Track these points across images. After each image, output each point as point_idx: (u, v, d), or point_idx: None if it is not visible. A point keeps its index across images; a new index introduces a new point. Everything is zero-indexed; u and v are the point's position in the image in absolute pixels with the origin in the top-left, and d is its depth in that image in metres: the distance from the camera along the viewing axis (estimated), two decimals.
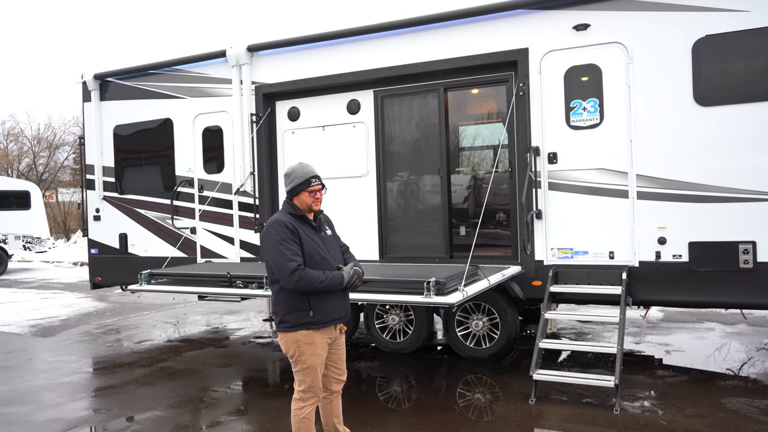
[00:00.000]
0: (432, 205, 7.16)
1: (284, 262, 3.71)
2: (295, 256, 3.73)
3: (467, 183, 7.28)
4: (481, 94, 7.13)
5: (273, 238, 3.78)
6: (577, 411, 5.11)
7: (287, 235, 3.76)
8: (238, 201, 8.06)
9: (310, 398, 3.95)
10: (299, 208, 3.93)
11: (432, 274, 5.20)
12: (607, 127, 6.13)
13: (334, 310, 3.93)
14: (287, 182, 3.99)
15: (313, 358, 3.87)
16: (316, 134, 7.74)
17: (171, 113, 8.58)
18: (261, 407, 5.49)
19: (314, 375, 3.92)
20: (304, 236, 3.84)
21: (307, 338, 3.83)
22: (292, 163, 4.17)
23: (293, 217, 3.90)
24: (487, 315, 6.80)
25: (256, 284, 5.50)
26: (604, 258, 6.18)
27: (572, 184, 6.29)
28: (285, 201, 4.01)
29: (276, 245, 3.75)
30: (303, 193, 3.92)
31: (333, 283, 3.80)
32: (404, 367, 6.68)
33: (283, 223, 3.81)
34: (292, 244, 3.75)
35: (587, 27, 6.20)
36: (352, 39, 7.37)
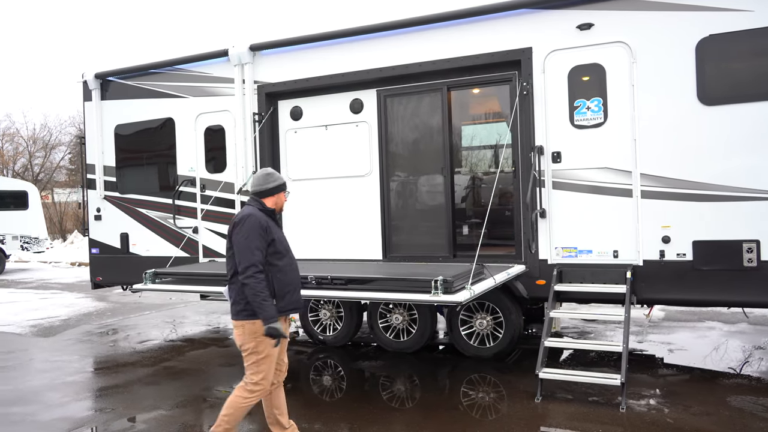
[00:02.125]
0: (435, 205, 7.17)
1: (253, 249, 3.95)
2: (260, 255, 3.97)
3: (470, 182, 7.28)
4: (485, 93, 7.14)
5: (251, 229, 4.00)
6: (583, 409, 5.12)
7: (260, 233, 4.00)
8: (240, 200, 8.05)
9: (260, 390, 4.09)
10: (268, 206, 4.21)
11: (438, 272, 5.21)
12: (611, 127, 6.15)
13: (294, 300, 4.18)
14: (269, 181, 4.26)
15: (270, 348, 4.04)
16: (318, 133, 7.74)
17: (173, 113, 8.56)
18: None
19: (270, 365, 4.09)
20: (275, 232, 4.12)
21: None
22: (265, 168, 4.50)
23: (264, 213, 4.16)
24: (491, 314, 6.81)
25: None
26: (608, 257, 6.20)
27: (576, 183, 6.30)
28: (252, 199, 4.24)
29: (252, 234, 3.98)
30: (281, 194, 4.31)
31: (265, 309, 3.91)
32: (408, 366, 6.69)
33: (258, 219, 4.05)
34: (262, 242, 4.00)
35: (591, 26, 6.21)
36: (355, 38, 7.37)
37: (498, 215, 7.02)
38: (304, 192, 7.82)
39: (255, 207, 4.18)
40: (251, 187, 4.31)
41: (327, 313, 7.71)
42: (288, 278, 4.15)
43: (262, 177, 4.29)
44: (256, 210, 4.15)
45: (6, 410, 5.52)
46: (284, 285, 4.11)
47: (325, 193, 7.71)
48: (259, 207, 4.18)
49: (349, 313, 7.57)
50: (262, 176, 4.29)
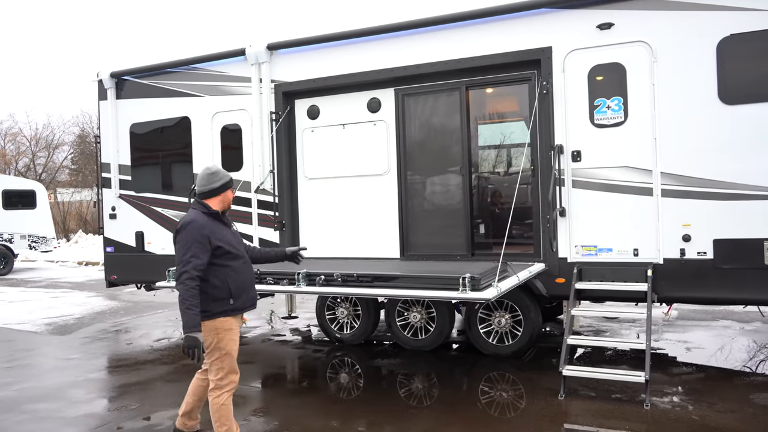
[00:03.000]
0: (453, 203, 7.19)
1: (189, 257, 3.94)
2: (196, 262, 3.94)
3: (489, 181, 7.31)
4: (503, 92, 7.17)
5: (189, 237, 3.98)
6: (607, 406, 5.15)
7: (199, 240, 3.98)
8: (257, 199, 8.08)
9: (227, 385, 4.14)
10: (212, 207, 4.16)
11: (463, 270, 5.23)
12: (632, 126, 6.17)
13: (250, 298, 4.26)
14: (214, 180, 4.18)
15: (231, 343, 4.12)
16: (336, 132, 7.77)
17: (189, 111, 8.59)
18: (290, 403, 5.51)
19: (232, 360, 4.14)
20: (219, 235, 4.09)
21: (226, 324, 4.09)
22: (209, 166, 4.35)
23: (207, 216, 4.13)
24: (510, 312, 6.84)
25: (287, 280, 5.52)
26: (628, 255, 6.22)
27: (596, 182, 6.33)
28: (196, 201, 4.21)
29: (191, 241, 3.97)
30: (229, 191, 4.25)
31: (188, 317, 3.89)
32: (428, 365, 6.71)
33: (198, 227, 4.02)
34: (201, 249, 3.97)
35: (611, 26, 6.24)
36: (373, 38, 7.39)
37: (516, 214, 7.03)
38: (321, 191, 7.85)
39: (199, 211, 4.14)
40: (196, 188, 4.25)
41: (344, 311, 7.73)
42: (243, 277, 4.20)
43: (206, 177, 4.20)
44: (200, 214, 4.10)
45: (33, 407, 5.55)
46: (239, 284, 4.15)
47: (341, 191, 7.74)
48: (203, 210, 4.14)
49: (366, 311, 7.60)
50: (206, 176, 4.21)
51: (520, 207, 7.04)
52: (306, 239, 8.00)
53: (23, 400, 5.78)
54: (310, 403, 5.49)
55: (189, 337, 3.85)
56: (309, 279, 5.45)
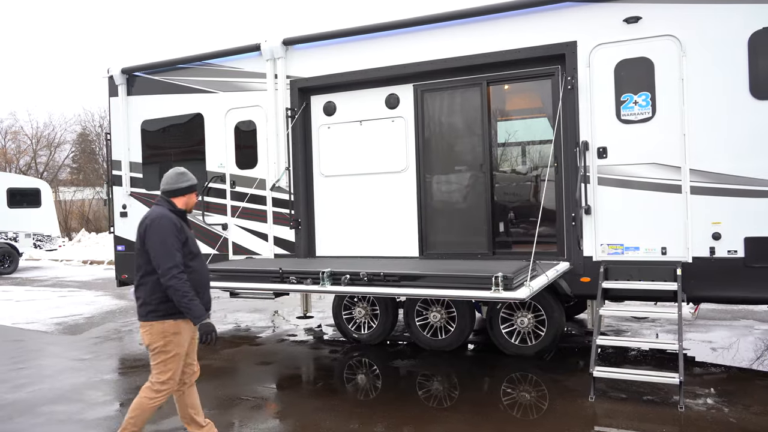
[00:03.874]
0: (474, 201, 7.06)
1: (174, 251, 3.92)
2: (179, 255, 3.95)
3: (510, 179, 7.17)
4: (525, 88, 7.03)
5: (166, 228, 3.96)
6: (641, 409, 5.02)
7: (176, 234, 3.98)
8: (272, 197, 7.95)
9: (167, 390, 4.08)
10: (177, 206, 4.17)
11: (485, 269, 5.11)
12: (660, 121, 6.05)
13: (206, 300, 4.19)
14: (182, 180, 4.19)
15: (179, 348, 4.06)
16: (353, 129, 7.64)
17: (202, 108, 8.46)
18: (311, 405, 5.38)
19: (177, 365, 4.09)
20: (186, 229, 4.13)
21: (175, 328, 4.02)
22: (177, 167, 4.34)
23: (175, 213, 4.13)
24: (533, 312, 6.71)
25: (310, 279, 5.39)
26: (656, 254, 6.10)
27: (623, 179, 6.20)
28: (162, 199, 4.19)
29: (168, 235, 3.94)
30: (194, 194, 4.27)
31: (193, 309, 3.91)
32: (449, 365, 6.58)
33: (172, 220, 4.03)
34: (178, 242, 3.98)
35: (638, 20, 6.11)
36: (392, 32, 7.26)
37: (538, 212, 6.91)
38: (337, 188, 7.73)
39: (165, 207, 4.13)
40: (161, 186, 4.23)
41: (361, 311, 7.61)
42: (200, 278, 4.16)
43: (174, 176, 4.21)
44: (167, 210, 4.10)
45: (51, 408, 5.42)
46: (197, 285, 4.10)
47: (359, 189, 7.61)
48: (169, 207, 4.14)
49: (384, 311, 7.48)
50: (174, 175, 4.21)
51: (544, 205, 6.92)
52: (322, 237, 7.87)
53: (39, 401, 5.65)
54: (331, 405, 5.36)
55: (205, 324, 3.92)
56: (334, 278, 5.32)
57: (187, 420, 4.37)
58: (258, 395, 5.72)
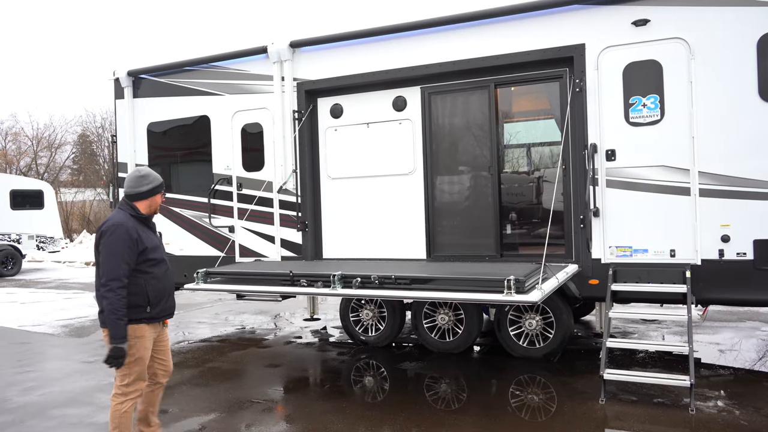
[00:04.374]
0: (481, 204, 7.07)
1: (119, 262, 3.88)
2: (126, 269, 3.91)
3: (518, 181, 7.18)
4: (533, 90, 7.04)
5: (119, 238, 3.92)
6: (652, 411, 5.03)
7: (129, 245, 3.94)
8: (278, 199, 7.95)
9: (133, 393, 4.09)
10: (140, 211, 4.11)
11: (494, 271, 5.12)
12: (668, 124, 6.05)
13: (168, 307, 4.24)
14: (143, 183, 4.12)
15: (142, 351, 4.07)
16: (360, 131, 7.64)
17: (208, 110, 8.46)
18: (321, 408, 5.38)
19: (141, 369, 4.09)
20: (146, 239, 4.06)
21: (138, 332, 4.02)
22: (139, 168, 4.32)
23: (135, 219, 4.08)
24: (541, 314, 6.72)
25: (321, 282, 5.40)
26: (664, 256, 6.10)
27: (631, 182, 6.21)
28: (124, 202, 4.14)
29: (119, 246, 3.91)
30: (158, 195, 4.21)
31: (117, 327, 3.86)
32: (457, 368, 6.59)
33: (128, 230, 3.97)
34: (130, 254, 3.94)
35: (647, 22, 6.12)
36: (400, 35, 7.27)
37: (547, 214, 6.93)
38: (344, 190, 7.73)
39: (126, 213, 4.07)
40: (124, 189, 4.19)
41: (369, 313, 7.61)
42: (162, 285, 4.14)
43: (135, 179, 4.14)
44: (127, 217, 4.04)
45: (62, 412, 5.42)
46: (159, 292, 4.10)
47: (365, 191, 7.62)
48: (131, 213, 4.08)
49: (392, 313, 7.49)
50: (135, 178, 4.14)
51: (552, 207, 6.93)
52: (329, 240, 7.88)
53: (50, 404, 5.66)
54: (340, 407, 5.37)
55: (116, 348, 3.86)
56: (345, 281, 5.33)
57: (142, 416, 4.40)
58: (268, 398, 5.72)
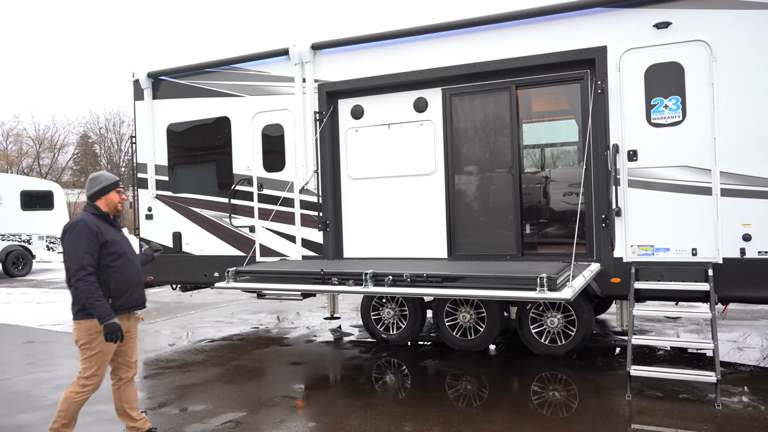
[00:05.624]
0: (503, 203, 7.16)
1: (82, 254, 4.14)
2: (90, 258, 4.16)
3: (539, 181, 7.28)
4: (554, 92, 7.13)
5: (80, 234, 4.19)
6: (678, 407, 5.13)
7: (89, 237, 4.20)
8: (299, 199, 8.04)
9: (91, 385, 4.29)
10: (101, 209, 4.40)
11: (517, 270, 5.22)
12: (690, 125, 6.15)
13: (133, 299, 4.41)
14: (95, 184, 4.45)
15: (104, 345, 4.23)
16: (381, 132, 7.74)
17: (228, 111, 8.55)
18: (353, 405, 5.47)
19: (102, 362, 4.28)
20: (107, 233, 4.30)
21: (100, 326, 4.16)
22: (94, 173, 4.61)
23: (97, 217, 4.36)
24: (562, 312, 6.82)
25: (352, 281, 5.49)
26: (686, 255, 6.20)
27: (653, 182, 6.31)
28: (88, 204, 4.44)
29: (80, 240, 4.17)
30: (113, 192, 4.46)
31: (98, 309, 4.11)
32: (479, 365, 6.69)
33: (88, 224, 4.25)
34: (92, 245, 4.19)
35: (668, 25, 6.22)
36: (421, 37, 7.36)
37: (567, 214, 7.04)
38: (365, 191, 7.82)
39: (88, 212, 4.38)
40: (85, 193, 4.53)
41: (390, 311, 7.71)
42: (125, 278, 4.34)
43: (89, 182, 4.49)
44: (89, 215, 4.35)
45: (96, 408, 5.50)
46: (121, 285, 4.30)
47: (386, 191, 7.71)
48: (92, 212, 4.38)
49: (413, 312, 7.58)
50: (89, 181, 4.49)
51: (572, 206, 7.03)
52: (349, 239, 7.97)
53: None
54: (371, 404, 5.46)
55: (108, 325, 4.09)
56: (376, 279, 5.41)
57: (121, 412, 4.61)
58: (297, 395, 5.82)
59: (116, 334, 4.11)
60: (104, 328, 4.09)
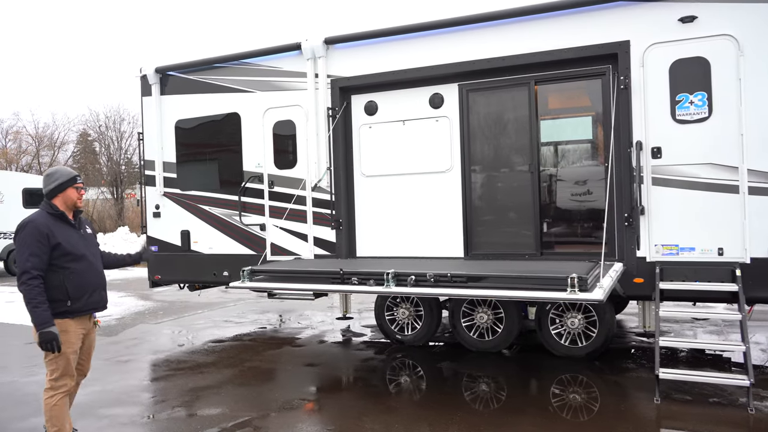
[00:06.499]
0: (521, 201, 7.01)
1: (27, 256, 4.01)
2: (35, 261, 4.01)
3: (558, 178, 7.13)
4: (574, 87, 6.98)
5: (28, 236, 4.05)
6: (710, 411, 4.99)
7: (38, 239, 4.04)
8: (311, 197, 7.89)
9: (62, 386, 4.17)
10: (58, 208, 4.22)
11: (556, 270, 5.06)
12: (716, 121, 6.01)
13: (92, 302, 4.28)
14: (50, 181, 4.26)
15: (67, 345, 4.12)
16: (395, 129, 7.58)
17: (238, 107, 8.39)
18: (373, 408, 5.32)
19: (66, 363, 4.16)
20: (60, 235, 4.13)
21: (61, 326, 4.08)
22: (50, 169, 4.50)
23: (51, 216, 4.19)
24: (583, 313, 6.68)
25: (373, 281, 5.33)
26: (712, 255, 6.05)
27: (678, 180, 6.16)
28: (43, 202, 4.27)
29: (28, 241, 4.04)
30: (70, 189, 4.27)
31: (36, 315, 3.98)
32: (497, 367, 6.55)
33: (38, 226, 4.08)
34: (41, 248, 4.04)
35: (694, 19, 6.07)
36: (437, 31, 7.21)
37: (588, 212, 6.90)
38: (379, 188, 7.67)
39: (43, 211, 4.21)
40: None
41: (405, 312, 7.56)
42: (83, 280, 4.20)
43: (44, 179, 4.33)
44: (43, 214, 4.18)
45: (109, 411, 5.36)
46: (79, 287, 4.17)
47: (401, 189, 7.55)
48: (48, 210, 4.21)
49: (429, 312, 7.43)
50: (44, 178, 4.33)
51: (592, 205, 6.89)
52: (363, 238, 7.82)
53: (96, 404, 5.59)
54: (392, 408, 5.32)
55: (44, 333, 3.96)
56: (398, 279, 5.26)
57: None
58: (313, 398, 5.67)
59: (51, 344, 3.96)
60: (39, 336, 3.96)
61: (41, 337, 3.96)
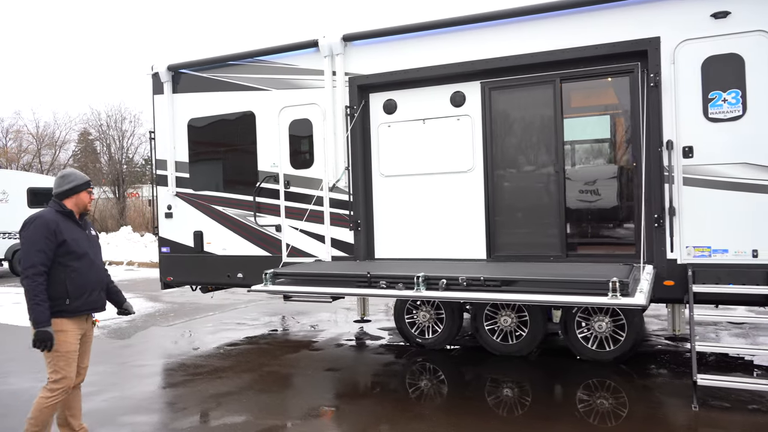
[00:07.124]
0: (546, 202, 6.86)
1: (35, 251, 4.03)
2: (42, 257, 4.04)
3: (585, 178, 6.96)
4: (601, 85, 6.83)
5: (36, 231, 4.08)
6: (751, 419, 4.83)
7: (46, 234, 4.07)
8: (329, 197, 7.73)
9: (61, 389, 4.15)
10: (67, 207, 4.27)
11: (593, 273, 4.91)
12: (751, 119, 5.85)
13: (91, 301, 4.28)
14: (65, 182, 4.32)
15: (65, 345, 4.12)
16: (415, 128, 7.42)
17: (253, 106, 8.23)
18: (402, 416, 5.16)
19: (68, 363, 4.15)
20: (67, 233, 4.17)
21: (59, 325, 4.09)
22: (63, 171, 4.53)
23: (60, 214, 4.24)
24: (611, 316, 6.52)
25: (402, 284, 5.17)
26: (746, 257, 5.90)
27: (710, 180, 6.00)
28: (53, 201, 4.30)
29: (36, 236, 4.06)
30: (83, 192, 4.36)
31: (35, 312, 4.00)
32: (521, 372, 6.39)
33: (47, 222, 4.12)
34: (48, 243, 4.07)
35: (727, 15, 5.91)
36: (459, 28, 7.05)
37: (616, 213, 6.74)
38: (398, 189, 7.51)
39: (52, 208, 4.26)
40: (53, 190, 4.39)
41: (425, 315, 7.40)
42: (84, 279, 4.21)
43: (58, 179, 4.37)
44: (51, 212, 4.22)
45: (131, 419, 5.20)
46: (79, 286, 4.18)
47: (421, 189, 7.40)
48: (56, 209, 4.26)
49: (451, 315, 7.27)
50: (58, 179, 4.38)
51: (618, 205, 6.74)
52: (381, 239, 7.66)
53: (116, 411, 5.43)
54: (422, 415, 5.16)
55: (40, 331, 3.98)
56: (429, 283, 5.10)
57: (61, 422, 4.40)
58: (339, 405, 5.51)
59: (45, 343, 3.98)
60: (35, 334, 3.98)
61: (36, 336, 3.98)
